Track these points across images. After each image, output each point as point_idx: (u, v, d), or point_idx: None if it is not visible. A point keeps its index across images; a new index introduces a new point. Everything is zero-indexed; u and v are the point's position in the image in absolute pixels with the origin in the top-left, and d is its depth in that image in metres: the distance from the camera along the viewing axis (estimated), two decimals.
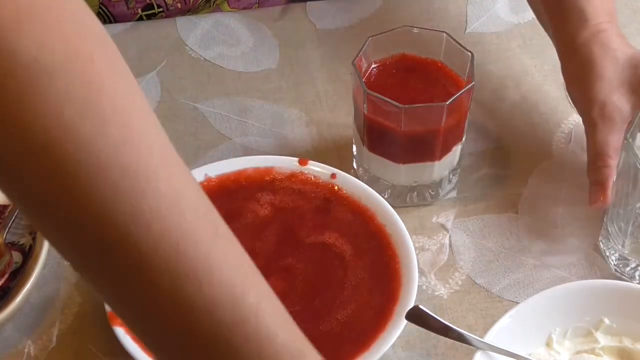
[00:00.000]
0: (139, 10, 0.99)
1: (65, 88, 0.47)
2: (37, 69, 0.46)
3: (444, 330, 0.70)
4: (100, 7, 0.98)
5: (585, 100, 0.81)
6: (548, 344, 0.72)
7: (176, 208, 0.49)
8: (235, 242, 0.53)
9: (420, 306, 0.71)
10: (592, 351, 0.72)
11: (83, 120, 0.47)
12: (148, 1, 0.99)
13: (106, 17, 0.99)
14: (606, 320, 0.73)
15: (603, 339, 0.73)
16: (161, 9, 0.99)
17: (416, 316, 0.71)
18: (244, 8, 1.01)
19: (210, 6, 1.00)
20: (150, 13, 1.00)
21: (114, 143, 0.48)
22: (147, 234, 0.49)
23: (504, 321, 0.71)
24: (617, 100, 0.79)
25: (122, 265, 0.49)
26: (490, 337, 0.70)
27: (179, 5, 0.99)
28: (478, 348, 0.69)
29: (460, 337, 0.70)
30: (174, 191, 0.50)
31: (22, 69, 0.46)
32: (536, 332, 0.72)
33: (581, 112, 0.82)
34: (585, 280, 0.78)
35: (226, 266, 0.51)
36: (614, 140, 0.78)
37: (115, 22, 1.00)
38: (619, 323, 0.73)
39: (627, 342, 0.72)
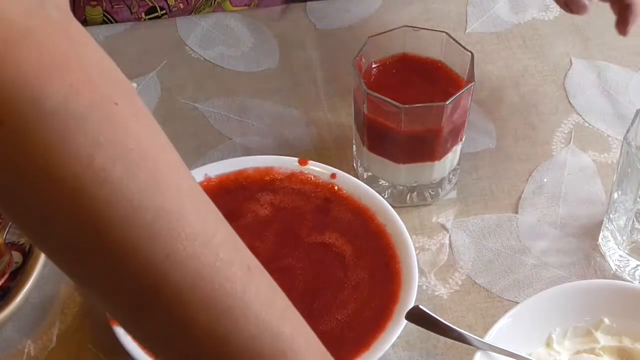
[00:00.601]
0: (143, 15, 0.99)
1: (94, 133, 0.46)
2: (65, 115, 0.45)
3: (444, 330, 0.70)
4: (104, 15, 0.98)
5: None
6: (548, 344, 0.72)
7: (210, 245, 0.49)
8: (266, 275, 0.53)
9: (420, 306, 0.71)
10: (592, 351, 0.72)
11: (113, 164, 0.46)
12: (150, 4, 0.98)
13: (110, 23, 0.99)
14: (606, 320, 0.73)
15: (603, 339, 0.73)
16: (164, 12, 0.99)
17: (416, 316, 0.71)
18: (245, 5, 1.01)
19: (211, 5, 1.00)
20: (153, 16, 1.00)
21: (145, 185, 0.47)
22: (183, 273, 0.48)
23: (504, 321, 0.71)
24: None
25: (158, 305, 0.49)
26: (490, 337, 0.70)
27: (181, 5, 0.99)
28: (478, 348, 0.69)
29: (460, 337, 0.70)
30: (206, 229, 0.49)
31: (49, 116, 0.45)
32: (536, 332, 0.72)
33: None
34: (585, 280, 0.78)
35: (261, 300, 0.51)
36: None
37: None
38: (618, 323, 0.73)
39: (627, 342, 0.72)
